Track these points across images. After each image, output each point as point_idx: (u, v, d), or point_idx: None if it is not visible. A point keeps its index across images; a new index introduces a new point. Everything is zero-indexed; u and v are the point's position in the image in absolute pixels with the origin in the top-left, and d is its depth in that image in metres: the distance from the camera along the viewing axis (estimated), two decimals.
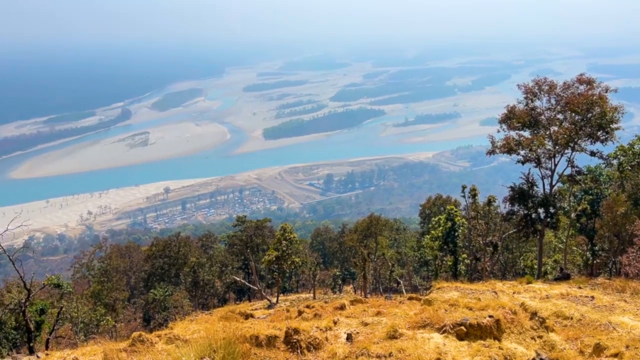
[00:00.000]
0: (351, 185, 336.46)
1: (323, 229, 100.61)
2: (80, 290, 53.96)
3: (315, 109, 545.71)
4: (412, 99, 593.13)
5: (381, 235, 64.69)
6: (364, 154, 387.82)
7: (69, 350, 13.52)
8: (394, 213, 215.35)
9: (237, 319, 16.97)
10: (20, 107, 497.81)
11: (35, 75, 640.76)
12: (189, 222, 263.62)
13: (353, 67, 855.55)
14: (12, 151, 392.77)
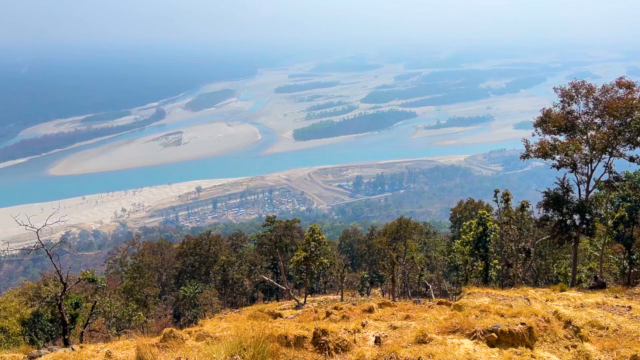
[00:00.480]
0: (380, 188, 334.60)
1: (351, 230, 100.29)
2: (113, 285, 55.25)
3: (346, 111, 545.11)
4: (444, 101, 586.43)
5: (410, 239, 64.17)
6: (394, 156, 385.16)
7: (102, 344, 13.89)
8: (423, 216, 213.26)
9: (265, 318, 17.11)
10: (60, 106, 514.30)
11: (75, 75, 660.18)
12: (219, 221, 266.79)
13: (385, 69, 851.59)
14: (51, 148, 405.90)
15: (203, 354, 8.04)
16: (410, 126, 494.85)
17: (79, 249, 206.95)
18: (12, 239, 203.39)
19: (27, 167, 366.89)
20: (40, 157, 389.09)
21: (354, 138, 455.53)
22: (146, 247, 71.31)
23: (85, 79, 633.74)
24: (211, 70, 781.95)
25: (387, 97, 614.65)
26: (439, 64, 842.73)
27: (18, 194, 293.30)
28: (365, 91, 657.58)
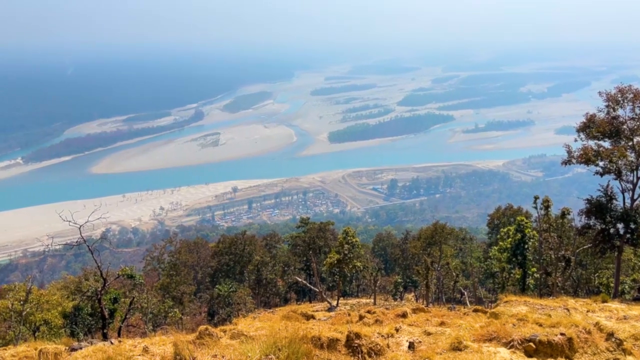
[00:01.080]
0: (416, 192, 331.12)
1: (385, 234, 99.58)
2: (151, 282, 56.50)
3: (382, 114, 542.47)
4: (483, 104, 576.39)
5: (446, 244, 63.29)
6: (430, 160, 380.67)
7: (140, 339, 14.22)
8: (459, 222, 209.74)
9: (298, 319, 17.17)
10: (103, 106, 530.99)
11: (118, 77, 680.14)
12: (254, 221, 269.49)
13: (422, 72, 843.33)
14: (93, 147, 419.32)
15: (238, 352, 8.14)
16: (448, 130, 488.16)
17: (118, 246, 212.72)
18: (56, 234, 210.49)
19: (71, 165, 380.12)
20: (83, 155, 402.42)
21: (390, 141, 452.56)
22: (183, 245, 72.66)
23: (128, 80, 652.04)
24: (249, 72, 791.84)
25: (424, 100, 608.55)
26: (478, 67, 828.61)
27: (62, 191, 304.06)
28: (402, 94, 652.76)
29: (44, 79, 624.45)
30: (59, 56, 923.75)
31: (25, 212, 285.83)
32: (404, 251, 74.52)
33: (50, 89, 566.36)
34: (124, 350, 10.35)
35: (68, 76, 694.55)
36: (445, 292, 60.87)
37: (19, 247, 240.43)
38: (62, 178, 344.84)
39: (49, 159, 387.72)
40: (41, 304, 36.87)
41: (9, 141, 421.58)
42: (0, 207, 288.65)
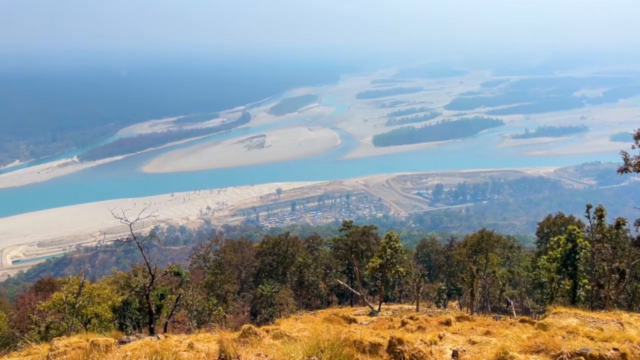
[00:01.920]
0: (462, 197, 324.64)
1: (429, 240, 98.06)
2: (196, 280, 57.69)
3: (428, 117, 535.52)
4: (534, 109, 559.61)
5: (492, 252, 61.69)
6: (478, 166, 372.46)
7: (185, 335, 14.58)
8: (507, 229, 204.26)
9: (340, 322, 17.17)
10: (155, 107, 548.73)
11: (169, 79, 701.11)
12: (297, 222, 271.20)
13: (471, 75, 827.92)
14: (145, 147, 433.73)
15: (281, 352, 8.22)
16: (496, 135, 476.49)
17: (166, 243, 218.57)
18: (108, 231, 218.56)
19: (123, 164, 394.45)
20: (135, 155, 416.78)
21: (436, 145, 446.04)
22: (228, 244, 73.83)
23: (179, 83, 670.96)
24: (296, 76, 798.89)
25: (473, 104, 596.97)
26: (530, 70, 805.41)
27: (114, 189, 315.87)
28: (450, 97, 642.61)
29: (100, 81, 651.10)
30: (113, 59, 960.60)
31: (79, 208, 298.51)
32: (449, 258, 73.16)
33: (105, 91, 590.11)
34: (170, 346, 10.63)
35: (122, 78, 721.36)
36: (491, 301, 59.35)
37: (73, 242, 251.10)
38: (115, 176, 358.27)
39: (102, 158, 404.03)
40: (93, 297, 38.29)
41: (65, 140, 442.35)
42: (57, 203, 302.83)
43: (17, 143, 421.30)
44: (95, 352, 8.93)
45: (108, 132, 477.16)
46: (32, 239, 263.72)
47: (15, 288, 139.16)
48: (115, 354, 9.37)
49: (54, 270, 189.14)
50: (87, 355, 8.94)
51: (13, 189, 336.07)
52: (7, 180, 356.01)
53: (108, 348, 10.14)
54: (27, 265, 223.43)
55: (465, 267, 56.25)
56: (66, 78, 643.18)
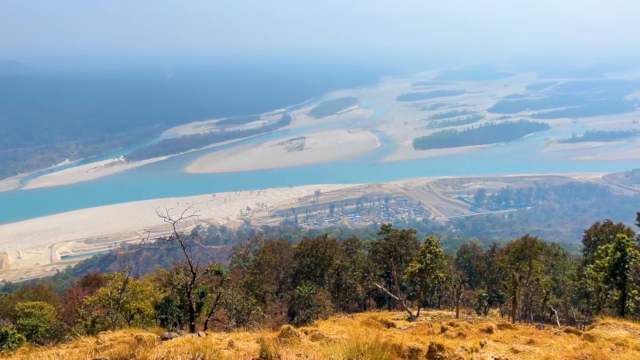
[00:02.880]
0: (505, 203, 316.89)
1: (470, 245, 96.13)
2: (236, 279, 58.51)
3: (471, 120, 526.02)
4: (582, 113, 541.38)
5: (536, 259, 59.89)
6: (522, 170, 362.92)
7: (225, 333, 14.80)
8: (552, 236, 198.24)
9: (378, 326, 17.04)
10: (198, 109, 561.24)
11: (213, 81, 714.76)
12: (335, 225, 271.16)
13: (516, 78, 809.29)
14: (188, 148, 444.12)
15: (321, 353, 8.23)
16: (542, 139, 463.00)
17: (207, 243, 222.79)
18: (152, 229, 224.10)
19: (167, 164, 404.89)
20: (178, 156, 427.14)
21: (478, 149, 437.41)
22: (267, 245, 74.51)
23: (222, 85, 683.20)
24: (336, 78, 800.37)
25: (517, 107, 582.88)
26: (578, 73, 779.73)
27: (158, 188, 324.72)
28: (493, 100, 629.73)
29: (147, 84, 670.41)
30: (159, 61, 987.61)
31: (124, 207, 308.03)
32: (490, 264, 71.51)
33: (152, 93, 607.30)
34: (211, 343, 10.81)
35: (168, 81, 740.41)
36: (534, 309, 57.64)
37: (118, 240, 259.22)
38: (159, 176, 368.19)
39: (147, 158, 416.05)
40: (136, 293, 39.34)
41: (113, 140, 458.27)
42: (104, 201, 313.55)
43: (67, 143, 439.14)
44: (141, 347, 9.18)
45: (153, 133, 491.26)
46: (80, 235, 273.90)
47: (64, 282, 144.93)
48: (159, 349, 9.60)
49: (99, 266, 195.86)
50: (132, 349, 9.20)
51: (63, 187, 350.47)
52: (57, 178, 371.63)
53: (151, 343, 10.40)
54: (74, 261, 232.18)
55: (508, 274, 54.89)
56: (115, 81, 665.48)
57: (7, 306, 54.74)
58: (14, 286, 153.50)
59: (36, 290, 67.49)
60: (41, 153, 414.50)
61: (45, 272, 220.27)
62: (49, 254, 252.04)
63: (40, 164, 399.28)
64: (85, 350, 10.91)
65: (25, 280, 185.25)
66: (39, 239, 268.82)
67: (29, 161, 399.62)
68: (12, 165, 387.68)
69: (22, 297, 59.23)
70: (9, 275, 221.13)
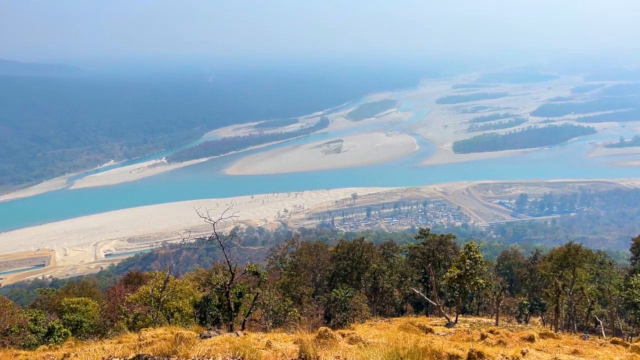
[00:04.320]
0: (547, 209, 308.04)
1: (511, 252, 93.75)
2: (273, 280, 58.98)
3: (513, 124, 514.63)
4: (631, 117, 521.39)
5: (580, 267, 57.89)
6: (566, 175, 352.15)
7: (263, 334, 14.96)
8: (597, 244, 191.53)
9: (416, 331, 16.84)
10: (238, 112, 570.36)
11: (253, 85, 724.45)
12: (372, 228, 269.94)
13: (560, 80, 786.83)
14: (228, 150, 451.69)
15: (360, 356, 8.21)
16: (587, 143, 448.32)
17: (245, 243, 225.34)
18: (192, 229, 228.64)
19: (207, 166, 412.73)
20: (218, 157, 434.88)
21: (521, 153, 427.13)
22: (304, 247, 74.67)
23: (261, 88, 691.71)
24: (375, 81, 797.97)
25: (562, 110, 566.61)
26: (627, 75, 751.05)
27: (199, 190, 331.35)
28: (536, 103, 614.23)
29: (189, 87, 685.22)
30: (201, 65, 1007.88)
31: (166, 207, 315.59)
32: (532, 271, 69.60)
33: (193, 96, 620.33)
34: (249, 343, 10.94)
35: (209, 84, 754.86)
36: (577, 319, 55.76)
37: (160, 239, 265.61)
38: (199, 178, 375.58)
39: (188, 160, 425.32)
40: (176, 292, 40.15)
41: (155, 142, 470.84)
42: (146, 201, 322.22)
43: (112, 144, 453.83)
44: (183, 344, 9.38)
45: (194, 135, 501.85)
46: (123, 234, 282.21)
47: (107, 280, 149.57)
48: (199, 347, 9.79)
49: (141, 264, 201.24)
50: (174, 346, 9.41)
51: (108, 187, 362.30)
52: (102, 178, 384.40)
53: (191, 341, 10.61)
54: (117, 259, 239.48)
55: (550, 282, 53.31)
56: (159, 84, 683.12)
57: (54, 301, 56.93)
58: (60, 282, 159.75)
59: (81, 287, 69.82)
60: (87, 154, 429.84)
61: (89, 270, 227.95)
62: (94, 252, 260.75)
63: (87, 164, 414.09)
64: (128, 345, 11.24)
65: (70, 277, 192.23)
66: (84, 237, 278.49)
67: (76, 161, 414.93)
68: (60, 165, 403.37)
69: (67, 293, 61.44)
70: (56, 272, 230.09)
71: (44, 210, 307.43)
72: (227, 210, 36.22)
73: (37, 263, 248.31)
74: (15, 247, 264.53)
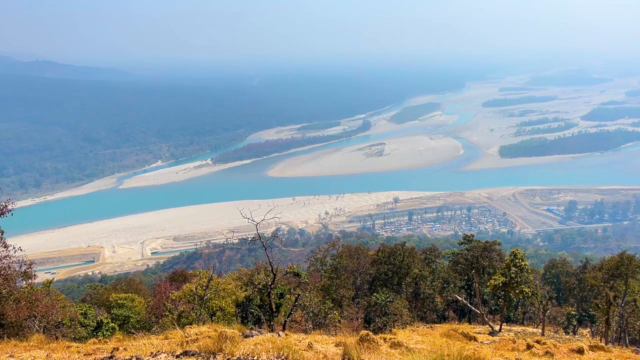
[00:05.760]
0: (598, 216, 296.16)
1: (559, 260, 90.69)
2: (313, 282, 59.18)
3: (562, 128, 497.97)
4: None
5: (633, 278, 55.40)
6: (619, 182, 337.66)
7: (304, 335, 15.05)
8: None
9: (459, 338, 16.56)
10: (281, 115, 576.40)
11: (296, 87, 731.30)
12: (413, 233, 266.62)
13: (614, 83, 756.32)
14: (270, 152, 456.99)
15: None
16: None
17: (286, 244, 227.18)
18: (235, 229, 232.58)
19: (250, 168, 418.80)
20: (261, 159, 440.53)
21: (570, 158, 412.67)
22: (344, 250, 74.56)
23: (304, 91, 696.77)
24: (418, 83, 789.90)
25: (615, 114, 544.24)
26: None
27: (242, 191, 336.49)
28: (588, 107, 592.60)
29: (234, 90, 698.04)
30: (246, 69, 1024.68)
31: (210, 207, 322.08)
32: (581, 281, 67.06)
33: (238, 99, 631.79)
34: (291, 344, 11.04)
35: (253, 87, 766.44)
36: (629, 332, 53.29)
37: (204, 238, 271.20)
38: (242, 179, 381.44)
39: (232, 161, 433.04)
40: (219, 291, 40.83)
41: (201, 144, 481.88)
42: (191, 201, 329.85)
43: (160, 145, 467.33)
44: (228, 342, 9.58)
45: (238, 138, 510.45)
46: (168, 233, 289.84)
47: (153, 277, 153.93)
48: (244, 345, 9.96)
49: (185, 263, 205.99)
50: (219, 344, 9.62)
51: (155, 187, 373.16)
52: (150, 179, 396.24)
53: (235, 339, 10.81)
54: (163, 257, 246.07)
55: (601, 293, 51.24)
56: (205, 87, 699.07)
57: (103, 296, 59.09)
58: (108, 278, 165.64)
59: (128, 283, 72.19)
60: (136, 154, 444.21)
61: (136, 267, 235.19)
62: (141, 250, 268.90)
63: (135, 164, 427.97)
64: (175, 342, 11.56)
65: (118, 274, 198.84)
66: (132, 235, 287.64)
67: (126, 162, 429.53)
68: (110, 165, 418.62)
69: (115, 289, 63.62)
70: (104, 268, 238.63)
71: (95, 209, 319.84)
72: (269, 211, 36.61)
73: (88, 259, 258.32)
74: (68, 243, 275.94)
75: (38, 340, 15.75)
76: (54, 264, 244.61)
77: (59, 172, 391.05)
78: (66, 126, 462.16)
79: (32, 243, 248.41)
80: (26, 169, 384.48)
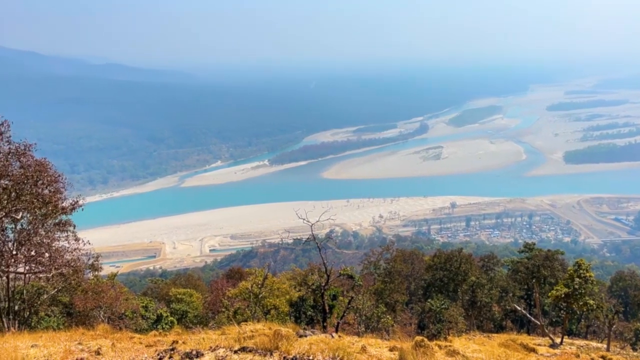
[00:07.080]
0: None
1: (628, 273, 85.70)
2: (367, 285, 58.90)
3: (634, 134, 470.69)
4: None
5: None
6: None
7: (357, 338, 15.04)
8: None
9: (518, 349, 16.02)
10: (337, 117, 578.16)
11: (353, 89, 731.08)
12: (471, 239, 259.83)
13: None
14: (326, 154, 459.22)
15: None
16: None
17: (339, 246, 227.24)
18: (290, 229, 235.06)
19: (306, 169, 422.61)
20: (316, 161, 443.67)
21: None
22: (398, 254, 73.70)
23: (361, 93, 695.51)
24: (479, 86, 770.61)
25: None
26: None
27: (297, 192, 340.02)
28: None
29: (292, 93, 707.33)
30: (304, 72, 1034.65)
31: (266, 207, 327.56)
32: None
33: (295, 102, 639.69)
34: (344, 345, 11.08)
35: (310, 90, 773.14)
36: None
37: (259, 238, 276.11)
38: (298, 180, 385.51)
39: (289, 163, 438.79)
40: (273, 290, 41.49)
41: (259, 145, 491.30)
42: (248, 201, 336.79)
43: (220, 146, 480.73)
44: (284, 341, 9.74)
45: (295, 139, 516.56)
46: (226, 231, 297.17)
47: (210, 274, 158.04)
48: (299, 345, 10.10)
49: (242, 261, 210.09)
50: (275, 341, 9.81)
51: (214, 186, 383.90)
52: (210, 178, 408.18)
53: (290, 338, 10.97)
54: (220, 255, 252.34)
55: None
56: (263, 90, 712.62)
57: (163, 291, 61.38)
58: (168, 273, 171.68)
59: (187, 279, 74.57)
60: (197, 154, 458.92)
61: (194, 263, 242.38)
62: (199, 247, 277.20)
63: (196, 164, 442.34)
64: (232, 337, 11.87)
65: (178, 269, 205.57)
66: (192, 232, 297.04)
67: (187, 161, 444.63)
68: (173, 164, 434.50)
69: (175, 284, 65.94)
70: (165, 263, 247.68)
71: (157, 206, 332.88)
72: (324, 213, 36.83)
73: (149, 254, 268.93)
74: (132, 238, 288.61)
75: (104, 329, 16.58)
76: (118, 257, 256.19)
77: (125, 170, 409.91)
78: (132, 126, 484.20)
79: (99, 237, 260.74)
80: (95, 167, 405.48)
